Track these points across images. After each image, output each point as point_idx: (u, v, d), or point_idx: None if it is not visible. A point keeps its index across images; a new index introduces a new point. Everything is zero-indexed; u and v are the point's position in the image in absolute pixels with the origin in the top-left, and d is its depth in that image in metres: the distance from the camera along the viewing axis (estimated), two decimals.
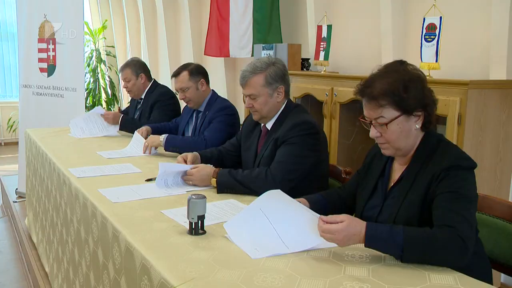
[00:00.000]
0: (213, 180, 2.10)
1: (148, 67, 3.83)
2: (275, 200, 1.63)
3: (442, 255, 1.35)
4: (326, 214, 1.81)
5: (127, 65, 3.70)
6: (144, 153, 2.86)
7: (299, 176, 2.11)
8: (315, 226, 1.44)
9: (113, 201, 1.92)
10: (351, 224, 1.38)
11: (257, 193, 1.98)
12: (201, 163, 2.39)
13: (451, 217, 1.40)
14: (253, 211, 1.59)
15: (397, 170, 1.67)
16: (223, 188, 2.08)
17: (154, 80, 3.77)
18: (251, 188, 2.05)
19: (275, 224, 1.53)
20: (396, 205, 1.59)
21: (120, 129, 3.51)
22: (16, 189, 5.04)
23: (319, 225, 1.41)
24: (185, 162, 2.34)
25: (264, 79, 2.19)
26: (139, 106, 3.76)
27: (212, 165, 2.22)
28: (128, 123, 3.51)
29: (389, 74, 1.56)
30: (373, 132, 1.59)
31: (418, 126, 1.57)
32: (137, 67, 3.69)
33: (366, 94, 1.57)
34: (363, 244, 1.38)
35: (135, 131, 3.10)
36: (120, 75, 3.72)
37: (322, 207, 1.78)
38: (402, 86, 1.52)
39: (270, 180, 2.04)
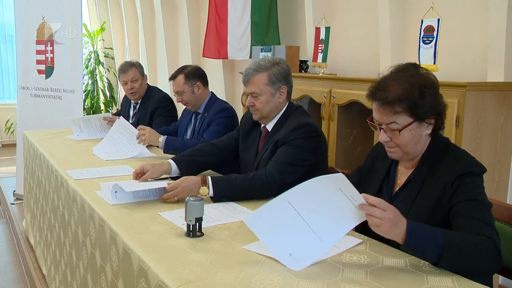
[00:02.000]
0: (203, 189, 1.92)
1: (146, 69, 3.80)
2: (308, 190, 1.38)
3: (479, 263, 1.32)
4: None
5: (132, 65, 3.61)
6: (138, 143, 2.78)
7: (296, 180, 2.07)
8: (350, 210, 1.31)
9: (110, 203, 1.91)
10: (397, 210, 1.30)
11: (255, 197, 1.96)
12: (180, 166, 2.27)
13: (483, 227, 1.38)
14: (280, 205, 1.37)
15: (403, 174, 1.65)
16: (220, 197, 1.94)
17: (148, 84, 3.75)
18: (250, 190, 1.97)
19: (307, 217, 1.37)
20: (404, 209, 1.55)
21: None
22: (14, 191, 5.03)
23: (370, 201, 1.27)
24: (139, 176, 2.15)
25: (267, 78, 2.16)
26: (133, 111, 3.72)
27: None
28: None
29: (404, 79, 1.51)
30: (383, 137, 1.55)
31: (428, 132, 1.55)
32: (141, 68, 3.65)
33: (380, 98, 1.51)
34: (400, 244, 1.32)
35: (120, 117, 3.06)
36: (123, 76, 3.57)
37: None
38: (418, 92, 1.48)
39: (270, 181, 1.99)
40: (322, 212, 1.36)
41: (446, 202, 1.48)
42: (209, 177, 1.97)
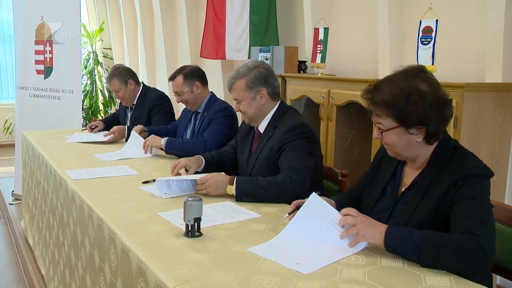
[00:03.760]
0: (229, 188, 2.00)
1: (140, 70, 3.80)
2: (301, 223, 1.55)
3: (460, 261, 1.32)
4: None
5: (113, 75, 3.61)
6: (145, 153, 2.87)
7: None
8: (342, 241, 1.47)
9: (164, 197, 1.98)
10: (369, 218, 1.46)
11: (282, 200, 1.98)
12: (205, 165, 2.40)
13: (472, 224, 1.37)
14: (278, 243, 1.52)
15: (409, 175, 1.64)
16: (243, 196, 1.98)
17: (143, 83, 3.75)
18: (276, 193, 1.98)
19: (305, 247, 1.48)
20: (409, 210, 1.56)
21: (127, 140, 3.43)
22: (13, 191, 5.03)
23: (341, 212, 1.49)
24: (186, 172, 2.29)
25: (245, 84, 2.23)
26: (130, 112, 3.72)
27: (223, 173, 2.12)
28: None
29: (397, 84, 1.51)
30: (375, 133, 1.61)
31: (419, 140, 1.53)
32: (123, 74, 3.61)
33: (369, 98, 1.57)
34: (383, 247, 1.41)
35: (132, 130, 3.09)
36: (107, 86, 3.65)
37: None
38: (404, 99, 1.48)
39: (294, 186, 2.00)
40: (320, 241, 1.49)
41: (449, 201, 1.48)
42: (236, 177, 2.02)
